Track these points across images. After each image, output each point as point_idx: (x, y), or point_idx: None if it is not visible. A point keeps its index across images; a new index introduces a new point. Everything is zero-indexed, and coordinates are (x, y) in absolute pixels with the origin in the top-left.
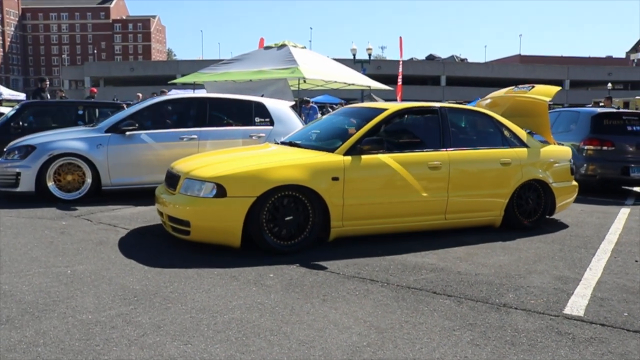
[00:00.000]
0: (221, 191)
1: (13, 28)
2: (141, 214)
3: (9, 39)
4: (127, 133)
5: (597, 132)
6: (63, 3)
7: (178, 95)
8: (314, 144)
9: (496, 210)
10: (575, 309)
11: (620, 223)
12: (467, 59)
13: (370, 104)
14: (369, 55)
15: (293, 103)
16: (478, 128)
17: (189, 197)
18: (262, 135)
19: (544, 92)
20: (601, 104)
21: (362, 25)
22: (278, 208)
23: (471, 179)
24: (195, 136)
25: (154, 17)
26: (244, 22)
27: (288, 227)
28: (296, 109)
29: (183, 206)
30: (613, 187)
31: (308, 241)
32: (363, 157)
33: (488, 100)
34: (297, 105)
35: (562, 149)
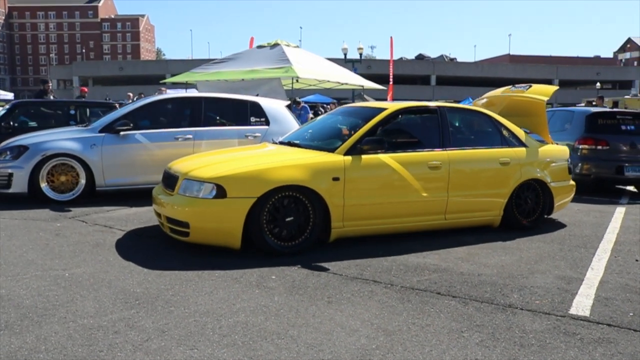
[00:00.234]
0: (221, 192)
1: (0, 27)
2: (137, 215)
3: None
4: (122, 133)
5: (592, 132)
6: (50, 2)
7: (175, 94)
8: (313, 144)
9: (495, 210)
10: (580, 309)
11: (617, 222)
12: (457, 59)
13: (369, 104)
14: (360, 54)
15: (288, 103)
16: (477, 128)
17: (188, 198)
18: (258, 135)
19: (542, 92)
20: (594, 104)
21: (352, 24)
22: (278, 209)
23: (471, 179)
24: (190, 136)
25: (143, 17)
26: (234, 22)
27: (288, 228)
28: (290, 109)
29: (182, 207)
30: (607, 186)
31: (309, 242)
32: (363, 157)
33: (484, 99)
34: (290, 105)
35: (560, 149)
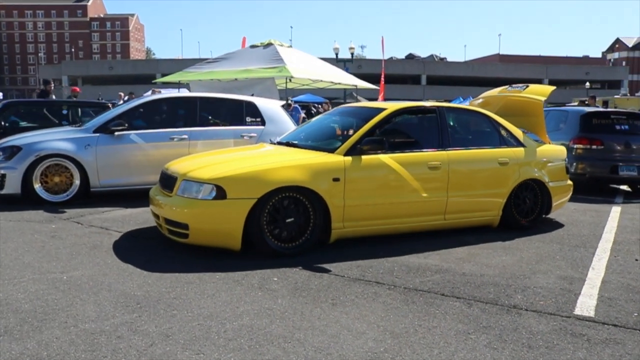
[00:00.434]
0: (221, 193)
1: None
2: (133, 216)
3: None
4: (116, 133)
5: (587, 131)
6: (39, 0)
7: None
8: (312, 144)
9: (494, 210)
10: (585, 310)
11: (614, 222)
12: (446, 58)
13: (367, 104)
14: (352, 54)
15: (284, 102)
16: (476, 128)
17: (187, 199)
18: (254, 135)
19: (539, 92)
20: (586, 103)
21: (342, 24)
22: (279, 210)
23: (470, 179)
24: (185, 136)
25: (132, 16)
26: (224, 21)
27: (289, 229)
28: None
29: (181, 208)
30: (601, 186)
31: (309, 243)
32: (363, 158)
33: (480, 99)
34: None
35: (558, 149)
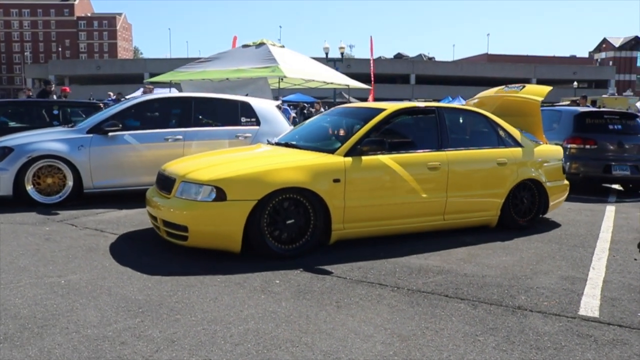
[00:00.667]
0: (221, 195)
1: None
2: (128, 218)
3: None
4: (110, 134)
5: (580, 131)
6: None
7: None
8: (312, 145)
9: (493, 210)
10: (589, 310)
11: (609, 221)
12: (435, 58)
13: (366, 104)
14: (342, 53)
15: (279, 102)
16: (474, 128)
17: (186, 201)
18: (249, 135)
19: (536, 92)
20: (578, 103)
21: (330, 24)
22: (279, 211)
23: (469, 180)
24: (180, 137)
25: (120, 15)
26: (212, 21)
27: (289, 231)
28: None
29: (180, 210)
30: (594, 185)
31: (310, 245)
32: (364, 159)
33: (476, 100)
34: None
35: (555, 149)
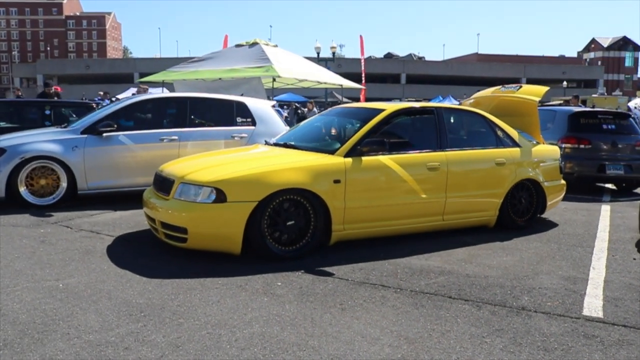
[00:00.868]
0: (221, 196)
1: None
2: (123, 219)
3: None
4: (105, 134)
5: (574, 131)
6: None
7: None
8: (311, 145)
9: (491, 210)
10: (593, 311)
11: (606, 220)
12: (425, 57)
13: (365, 104)
14: (333, 53)
15: (274, 102)
16: (473, 128)
17: (185, 203)
18: (245, 135)
19: (533, 92)
20: (570, 102)
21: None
22: (279, 212)
23: (468, 180)
24: (175, 137)
25: (109, 14)
26: (202, 20)
27: (289, 232)
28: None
29: (179, 212)
30: (588, 184)
31: (310, 246)
32: (364, 159)
33: (471, 100)
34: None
35: (552, 149)
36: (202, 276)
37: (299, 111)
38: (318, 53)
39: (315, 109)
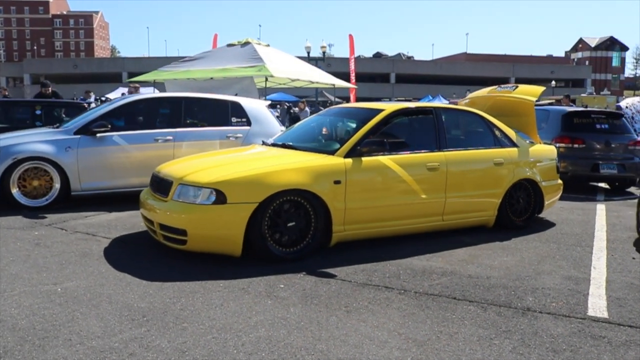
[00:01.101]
0: (221, 197)
1: None
2: (118, 221)
3: None
4: (99, 135)
5: (568, 130)
6: None
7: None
8: (310, 146)
9: (490, 210)
10: (598, 311)
11: (602, 220)
12: (414, 57)
13: (364, 105)
14: (323, 53)
15: (269, 102)
16: (471, 128)
17: (184, 204)
18: (240, 135)
19: (529, 92)
20: (562, 102)
21: (308, 23)
22: (279, 214)
23: (467, 180)
24: (170, 137)
25: (97, 13)
26: (191, 19)
27: (290, 234)
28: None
29: (178, 214)
30: (582, 183)
31: (311, 247)
32: (364, 160)
33: (467, 100)
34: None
35: (549, 148)
36: (203, 279)
37: (292, 111)
38: (308, 52)
39: (307, 109)
